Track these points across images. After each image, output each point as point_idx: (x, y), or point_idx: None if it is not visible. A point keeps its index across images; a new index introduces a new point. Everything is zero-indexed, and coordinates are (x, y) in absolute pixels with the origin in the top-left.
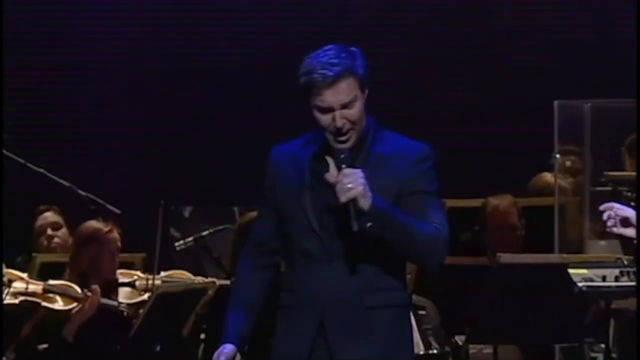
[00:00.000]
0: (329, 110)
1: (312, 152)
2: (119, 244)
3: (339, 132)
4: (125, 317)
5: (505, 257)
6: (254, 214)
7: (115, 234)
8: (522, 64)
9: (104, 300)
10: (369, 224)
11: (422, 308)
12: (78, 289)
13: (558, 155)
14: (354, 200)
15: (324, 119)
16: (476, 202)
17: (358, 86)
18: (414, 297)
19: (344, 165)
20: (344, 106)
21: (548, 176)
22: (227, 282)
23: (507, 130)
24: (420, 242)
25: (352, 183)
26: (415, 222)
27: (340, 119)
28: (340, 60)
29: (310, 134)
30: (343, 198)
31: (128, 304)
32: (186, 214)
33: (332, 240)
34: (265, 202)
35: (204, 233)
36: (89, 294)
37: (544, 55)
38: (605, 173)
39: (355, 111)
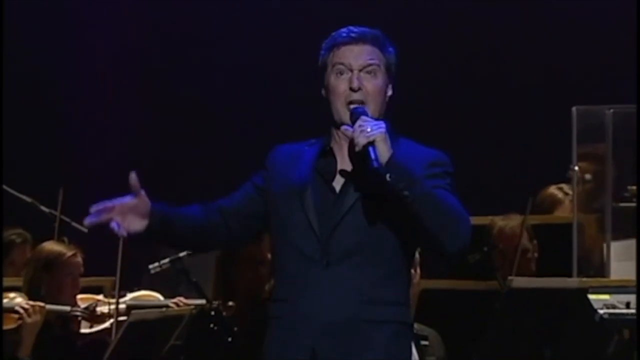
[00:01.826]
0: (347, 70)
1: (317, 151)
2: (82, 269)
3: (352, 93)
4: (81, 320)
5: (517, 281)
6: None
7: (79, 259)
8: (537, 67)
9: (52, 307)
10: (388, 175)
11: (425, 338)
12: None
13: (577, 168)
14: (373, 145)
15: (340, 82)
16: (485, 220)
17: (384, 65)
18: (416, 325)
19: (361, 117)
20: (364, 69)
21: (552, 188)
22: (202, 301)
23: (519, 140)
24: (443, 211)
25: (372, 127)
26: (438, 190)
27: (357, 80)
28: (370, 30)
29: (313, 139)
30: (362, 139)
31: (90, 332)
32: None
33: (330, 242)
34: (251, 186)
35: (182, 254)
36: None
37: (562, 58)
38: (630, 187)
39: (375, 82)
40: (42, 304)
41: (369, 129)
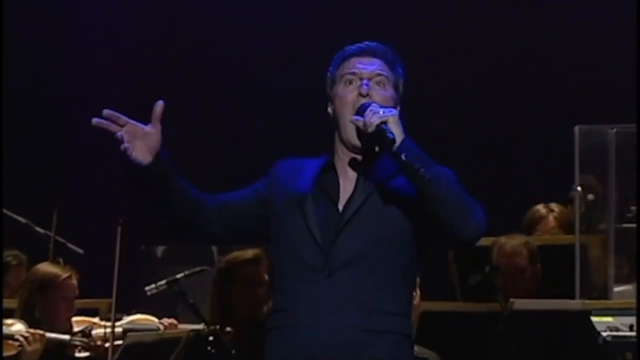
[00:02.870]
0: (356, 79)
1: (320, 165)
2: (77, 291)
3: (360, 99)
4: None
5: (519, 303)
6: (237, 253)
7: (74, 281)
8: (538, 85)
9: (51, 336)
10: (404, 155)
11: None
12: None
13: (579, 188)
14: (386, 125)
15: (349, 91)
16: (487, 241)
17: (392, 80)
18: (416, 348)
19: (372, 104)
20: (374, 78)
21: (539, 205)
22: (200, 326)
23: (520, 160)
24: (458, 192)
25: (384, 111)
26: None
27: (366, 86)
28: (381, 44)
29: (316, 158)
30: (375, 119)
31: (85, 357)
32: (158, 253)
33: (332, 251)
34: (253, 187)
35: (179, 276)
36: (27, 334)
37: (563, 76)
38: (633, 208)
39: (384, 92)
40: (42, 332)
41: (381, 112)
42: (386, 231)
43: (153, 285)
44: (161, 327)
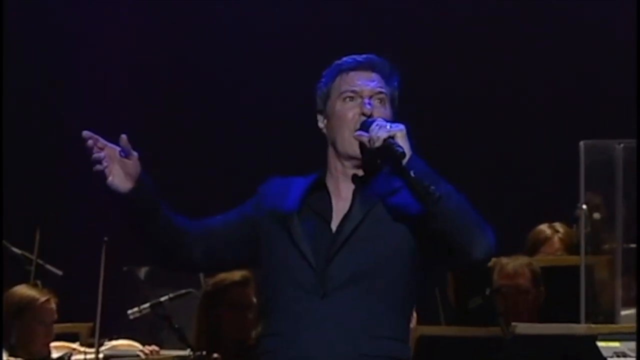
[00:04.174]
0: (357, 96)
1: (310, 182)
2: (55, 316)
3: (361, 116)
4: None
5: (522, 327)
6: (225, 275)
7: (52, 304)
8: (542, 99)
9: None
10: (413, 172)
11: None
12: None
13: (584, 206)
14: (393, 139)
15: (349, 108)
16: (492, 261)
17: (390, 96)
18: None
19: (378, 119)
20: (375, 95)
21: (543, 225)
22: (185, 352)
23: (523, 177)
24: (467, 210)
25: (391, 125)
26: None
27: (370, 105)
28: (378, 57)
29: (305, 175)
30: (383, 133)
31: None
32: (142, 275)
33: (328, 272)
34: (239, 210)
35: (163, 298)
36: None
37: (568, 89)
38: None
39: (385, 111)
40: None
41: (388, 126)
42: (385, 252)
43: (136, 309)
44: (141, 354)
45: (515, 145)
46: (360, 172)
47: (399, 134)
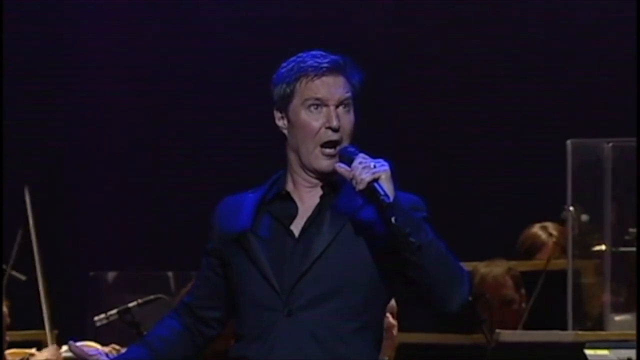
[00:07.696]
0: (322, 105)
1: (274, 193)
2: (8, 319)
3: (328, 132)
4: None
5: (505, 335)
6: None
7: (4, 309)
8: (528, 97)
9: None
10: (394, 218)
11: None
12: None
13: (572, 208)
14: (378, 182)
15: (314, 119)
16: (467, 266)
17: (353, 95)
18: None
19: (360, 154)
20: (341, 104)
21: (536, 227)
22: None
23: (507, 177)
24: (446, 262)
25: (375, 164)
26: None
27: (337, 119)
28: (339, 57)
29: (256, 187)
30: (367, 176)
31: None
32: (109, 280)
33: (293, 291)
34: (207, 258)
35: (131, 304)
36: None
37: (555, 87)
38: (631, 230)
39: (350, 118)
40: None
41: (372, 165)
42: (354, 273)
43: (103, 315)
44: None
45: (500, 144)
46: (325, 183)
47: (384, 175)
